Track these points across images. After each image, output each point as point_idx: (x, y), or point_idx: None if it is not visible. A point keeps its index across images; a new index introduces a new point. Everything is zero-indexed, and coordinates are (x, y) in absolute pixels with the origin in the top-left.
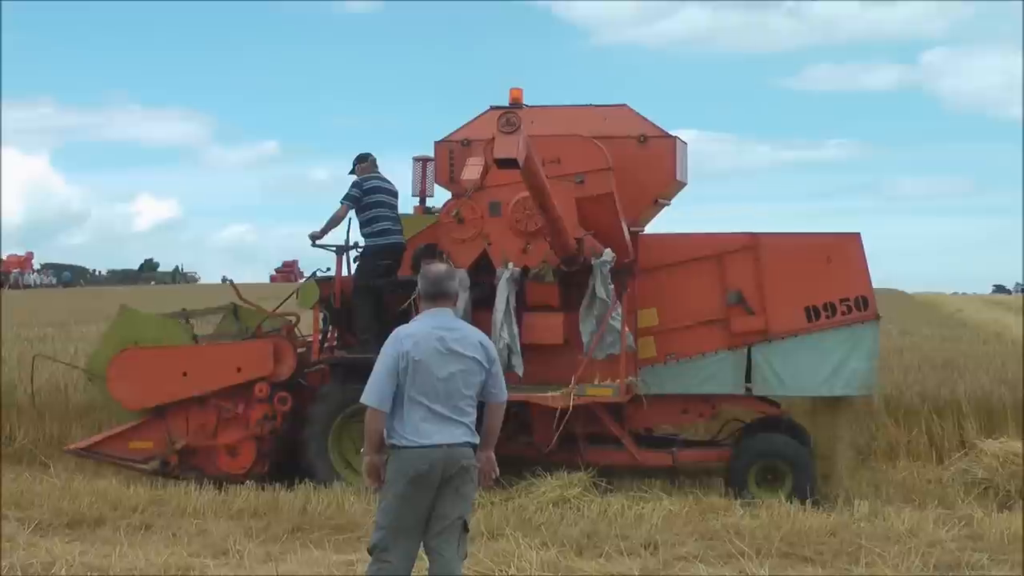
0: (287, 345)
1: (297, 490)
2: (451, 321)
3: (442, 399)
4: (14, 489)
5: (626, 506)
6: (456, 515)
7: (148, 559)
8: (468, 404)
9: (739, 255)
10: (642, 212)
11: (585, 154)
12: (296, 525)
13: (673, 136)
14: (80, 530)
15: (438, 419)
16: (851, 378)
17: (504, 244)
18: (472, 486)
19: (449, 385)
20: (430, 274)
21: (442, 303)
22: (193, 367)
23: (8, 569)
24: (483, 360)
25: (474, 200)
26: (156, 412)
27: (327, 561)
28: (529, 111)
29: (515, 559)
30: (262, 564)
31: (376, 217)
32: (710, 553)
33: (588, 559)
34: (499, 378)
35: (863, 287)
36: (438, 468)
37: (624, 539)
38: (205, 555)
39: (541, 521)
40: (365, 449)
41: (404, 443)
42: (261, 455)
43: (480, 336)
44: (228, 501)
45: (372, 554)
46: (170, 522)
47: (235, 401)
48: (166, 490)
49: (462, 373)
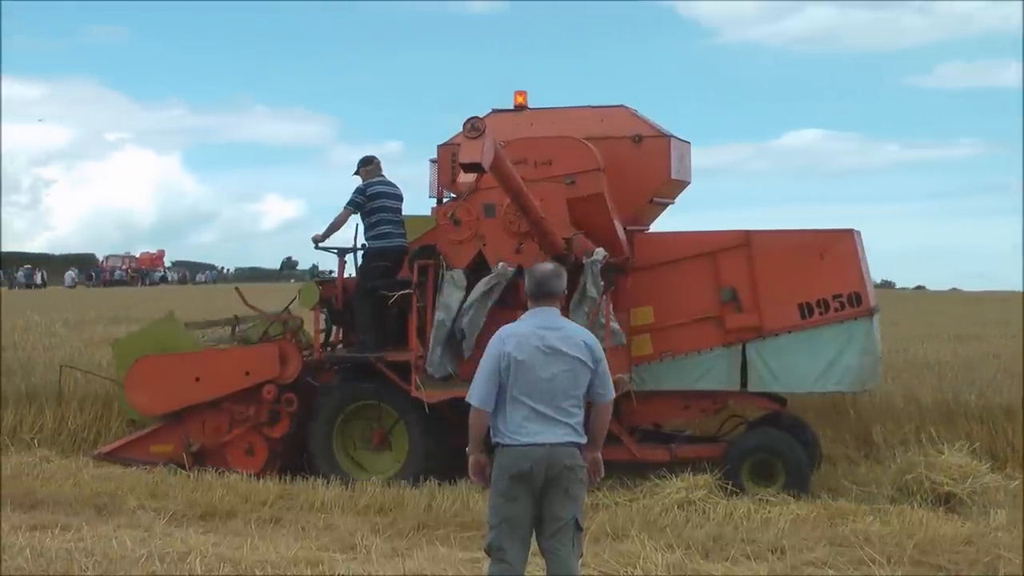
0: (292, 348)
1: (422, 487)
2: (556, 320)
3: (546, 399)
4: (149, 480)
5: (752, 509)
6: (568, 515)
7: (278, 552)
8: (573, 405)
9: (733, 253)
10: (639, 211)
11: (575, 155)
12: (421, 522)
13: (668, 136)
14: (212, 522)
15: (541, 418)
16: (844, 374)
17: (498, 244)
18: (581, 486)
19: (553, 385)
20: (536, 273)
21: (547, 303)
22: (205, 372)
23: (146, 557)
24: (588, 360)
25: (469, 202)
26: (174, 416)
27: (453, 558)
28: (529, 113)
29: (640, 560)
30: (389, 560)
31: (378, 221)
32: (839, 559)
33: (714, 562)
34: (605, 378)
35: (856, 283)
36: (541, 467)
37: (751, 543)
38: (333, 549)
39: (666, 523)
40: (470, 447)
41: (507, 441)
42: (273, 454)
43: (585, 335)
44: (355, 497)
45: (489, 554)
46: (298, 516)
47: (246, 403)
48: (294, 485)
49: (566, 373)
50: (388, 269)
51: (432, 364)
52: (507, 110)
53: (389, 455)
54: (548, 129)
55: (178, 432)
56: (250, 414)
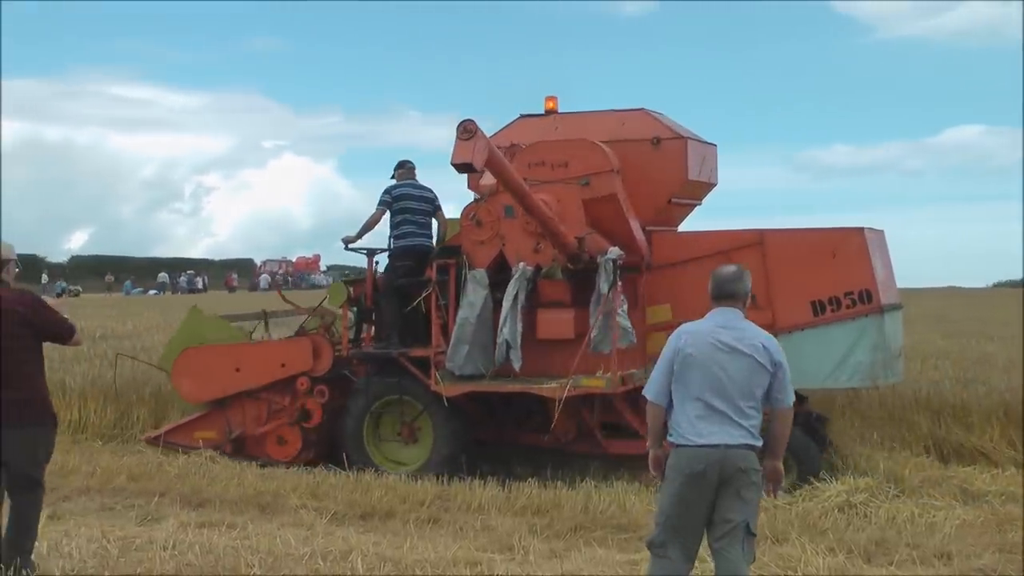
0: (325, 342)
1: (578, 488)
2: (735, 320)
3: (721, 397)
4: (310, 480)
5: (916, 513)
6: (739, 519)
7: (437, 552)
8: (750, 406)
9: (747, 251)
10: (659, 211)
11: (590, 157)
12: (578, 523)
13: (685, 138)
14: (372, 522)
15: (716, 418)
16: (856, 370)
17: (517, 244)
18: (755, 490)
19: (728, 384)
20: (719, 275)
21: (727, 304)
22: (245, 363)
23: (310, 556)
24: (766, 362)
25: (490, 203)
26: (218, 404)
27: (611, 560)
28: (555, 118)
29: (801, 564)
30: (547, 561)
31: (402, 221)
32: (1009, 567)
33: (878, 567)
34: (785, 383)
35: (867, 280)
36: (715, 469)
37: (915, 548)
38: (491, 550)
39: (826, 526)
40: (648, 442)
41: (681, 442)
42: (307, 444)
43: (764, 337)
44: (511, 498)
45: (651, 550)
46: (456, 517)
47: (282, 394)
48: (451, 486)
49: (742, 372)
50: (411, 268)
51: (455, 362)
52: (536, 115)
53: (418, 448)
54: (571, 133)
55: (221, 420)
56: (285, 404)
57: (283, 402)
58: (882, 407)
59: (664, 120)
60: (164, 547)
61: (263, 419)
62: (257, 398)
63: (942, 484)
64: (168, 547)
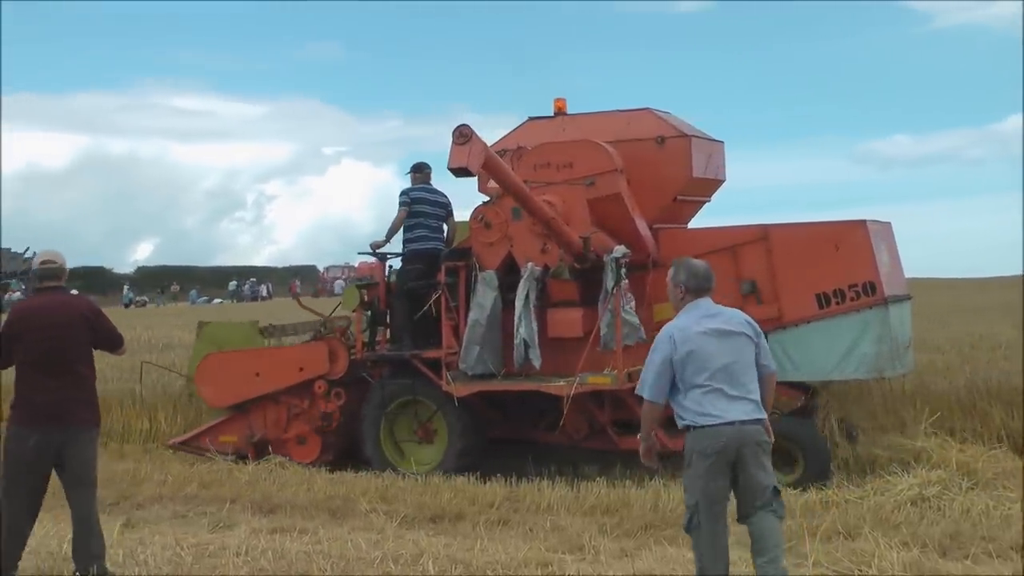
0: (340, 346)
1: (647, 487)
2: (712, 307)
3: (727, 379)
4: (379, 484)
5: (991, 506)
6: (768, 484)
7: (507, 553)
8: (751, 379)
9: (752, 247)
10: (665, 209)
11: (594, 158)
12: (648, 522)
13: (689, 136)
14: (442, 524)
15: (727, 398)
16: (861, 362)
17: (525, 245)
18: (769, 457)
19: (731, 365)
20: (696, 270)
21: (705, 295)
22: (264, 368)
23: (381, 559)
24: (752, 335)
25: (498, 205)
26: (240, 409)
27: (681, 558)
28: (562, 119)
29: (875, 559)
30: (617, 560)
31: (415, 225)
32: None
33: (953, 560)
34: (766, 350)
35: (870, 272)
36: (733, 444)
37: (991, 541)
38: (562, 550)
39: (899, 520)
40: (642, 435)
41: (698, 422)
42: (326, 445)
43: (742, 314)
44: (580, 498)
45: (689, 532)
46: (525, 518)
47: (301, 397)
48: (520, 487)
49: (741, 351)
50: (423, 271)
51: (467, 362)
52: (544, 117)
53: (433, 448)
54: (578, 134)
55: (243, 423)
56: (304, 407)
57: (302, 405)
58: (955, 399)
59: (669, 119)
60: (237, 553)
61: (283, 423)
62: (277, 402)
63: (1016, 476)
64: (241, 553)
